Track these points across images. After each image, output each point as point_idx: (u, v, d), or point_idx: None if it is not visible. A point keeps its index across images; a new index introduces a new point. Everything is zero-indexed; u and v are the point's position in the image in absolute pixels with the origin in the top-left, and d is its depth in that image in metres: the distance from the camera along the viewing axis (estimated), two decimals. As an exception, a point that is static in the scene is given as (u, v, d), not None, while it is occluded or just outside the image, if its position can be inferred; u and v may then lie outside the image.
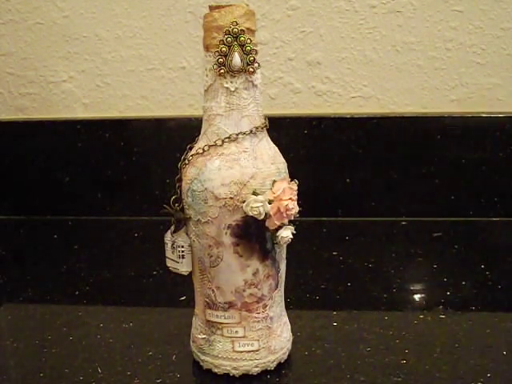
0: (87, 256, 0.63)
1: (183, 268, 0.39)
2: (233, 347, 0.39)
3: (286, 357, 0.41)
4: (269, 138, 0.39)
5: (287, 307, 0.42)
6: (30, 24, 0.73)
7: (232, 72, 0.36)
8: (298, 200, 0.37)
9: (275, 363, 0.40)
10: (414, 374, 0.40)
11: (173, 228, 0.39)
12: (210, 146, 0.37)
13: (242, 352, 0.39)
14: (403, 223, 0.70)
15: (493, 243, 0.64)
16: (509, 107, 0.69)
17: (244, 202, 0.36)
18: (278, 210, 0.36)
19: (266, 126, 0.38)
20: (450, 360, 0.41)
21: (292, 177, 0.39)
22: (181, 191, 0.38)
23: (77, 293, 0.54)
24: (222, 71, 0.36)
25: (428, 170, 0.70)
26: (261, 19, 0.69)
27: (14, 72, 0.75)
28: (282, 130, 0.69)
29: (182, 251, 0.39)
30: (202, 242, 0.37)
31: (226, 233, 0.37)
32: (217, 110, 0.36)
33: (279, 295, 0.40)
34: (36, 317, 0.50)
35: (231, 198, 0.36)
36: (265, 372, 0.40)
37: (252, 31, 0.36)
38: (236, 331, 0.39)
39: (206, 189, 0.36)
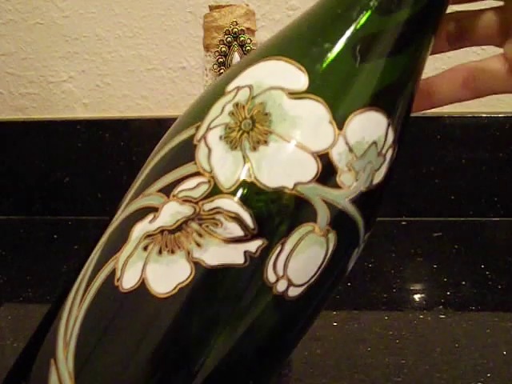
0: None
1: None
2: (233, 347, 0.39)
3: (285, 357, 0.41)
4: (269, 138, 0.38)
5: (287, 307, 0.42)
6: (30, 24, 0.73)
7: (232, 72, 0.36)
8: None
9: (275, 363, 0.40)
10: (413, 374, 0.39)
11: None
12: (210, 146, 0.36)
13: (241, 352, 0.39)
14: (403, 223, 0.70)
15: (493, 243, 0.64)
16: (509, 107, 0.69)
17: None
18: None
19: (265, 126, 0.38)
20: (450, 360, 0.41)
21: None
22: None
23: (77, 293, 0.54)
24: (222, 71, 0.36)
25: (428, 169, 0.70)
26: (261, 19, 0.69)
27: (13, 72, 0.75)
28: (281, 130, 0.69)
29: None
30: (202, 242, 0.37)
31: (226, 233, 0.36)
32: (217, 110, 0.36)
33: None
34: (36, 317, 0.49)
35: (231, 198, 0.36)
36: (265, 372, 0.40)
37: (252, 31, 0.36)
38: (236, 331, 0.39)
39: (206, 189, 0.36)
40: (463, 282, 0.54)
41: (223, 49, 0.35)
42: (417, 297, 0.52)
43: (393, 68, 0.23)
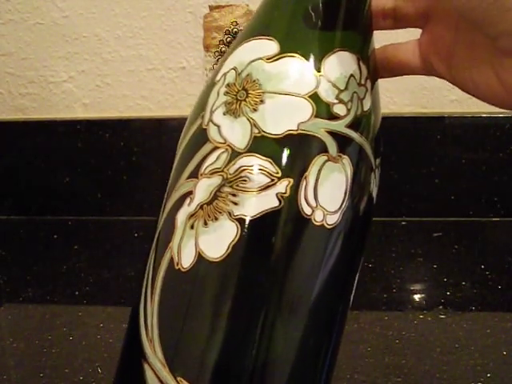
0: (87, 256, 0.63)
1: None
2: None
3: (285, 357, 0.41)
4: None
5: (287, 307, 0.42)
6: (30, 24, 0.73)
7: (232, 72, 0.36)
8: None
9: (275, 363, 0.40)
10: (413, 374, 0.40)
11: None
12: (209, 146, 0.36)
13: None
14: (403, 223, 0.70)
15: (493, 243, 0.64)
16: (509, 107, 0.69)
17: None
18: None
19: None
20: (450, 360, 0.41)
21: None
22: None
23: (77, 293, 0.54)
24: (221, 71, 0.36)
25: (428, 170, 0.70)
26: (261, 19, 0.69)
27: (13, 72, 0.75)
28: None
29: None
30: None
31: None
32: (217, 110, 0.36)
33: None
34: (36, 317, 0.50)
35: (231, 198, 0.36)
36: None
37: (252, 31, 0.36)
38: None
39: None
40: (463, 282, 0.54)
41: (223, 49, 0.35)
42: (417, 297, 0.52)
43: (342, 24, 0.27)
